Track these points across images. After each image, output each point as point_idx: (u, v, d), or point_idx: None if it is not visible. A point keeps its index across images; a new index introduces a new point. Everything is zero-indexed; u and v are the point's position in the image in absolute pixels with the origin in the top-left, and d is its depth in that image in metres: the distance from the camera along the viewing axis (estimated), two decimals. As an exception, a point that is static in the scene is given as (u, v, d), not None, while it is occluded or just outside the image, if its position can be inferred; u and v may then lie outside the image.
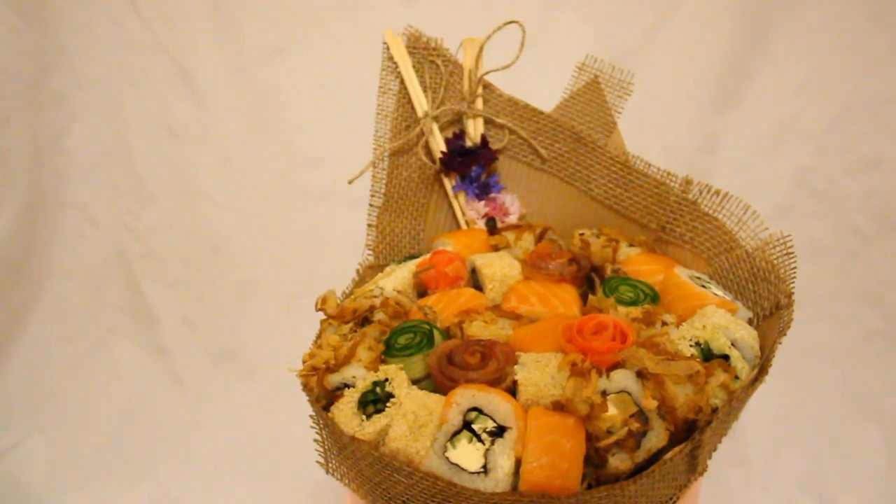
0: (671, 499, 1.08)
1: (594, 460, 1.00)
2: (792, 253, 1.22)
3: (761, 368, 1.11)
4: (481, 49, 1.57)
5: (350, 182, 1.50)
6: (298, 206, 2.24)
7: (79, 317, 2.28)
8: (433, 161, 1.56)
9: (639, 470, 1.00)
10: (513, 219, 1.55)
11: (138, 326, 2.28)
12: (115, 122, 2.23)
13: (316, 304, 1.29)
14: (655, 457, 1.01)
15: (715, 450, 1.10)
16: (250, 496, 2.12)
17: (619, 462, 0.99)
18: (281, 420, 2.15)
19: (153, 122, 2.23)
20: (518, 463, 0.99)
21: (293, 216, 2.24)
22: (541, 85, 1.60)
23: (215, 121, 2.22)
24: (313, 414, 1.11)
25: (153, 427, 2.22)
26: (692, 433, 1.02)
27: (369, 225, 1.53)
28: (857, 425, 2.11)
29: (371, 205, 1.54)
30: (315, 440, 1.12)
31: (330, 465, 1.14)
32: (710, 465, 1.09)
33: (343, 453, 1.09)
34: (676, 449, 0.99)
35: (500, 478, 0.97)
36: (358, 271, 1.46)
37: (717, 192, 1.36)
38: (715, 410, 1.04)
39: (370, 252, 1.52)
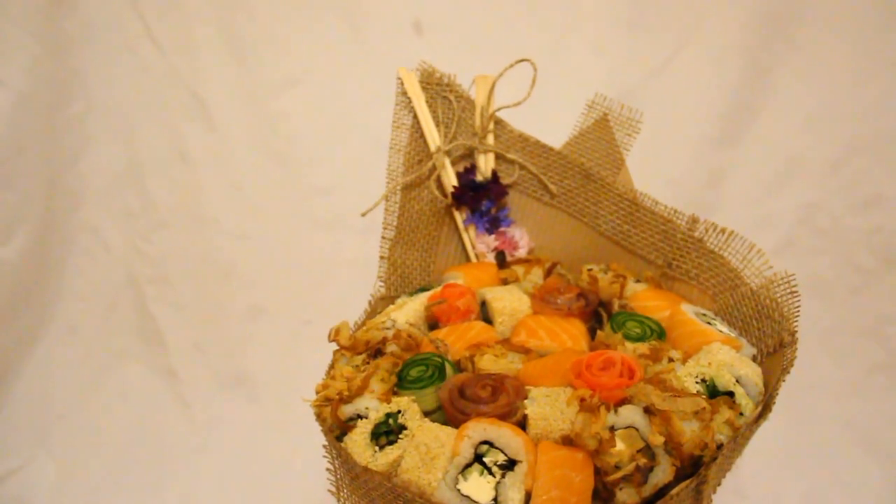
0: (675, 533, 1.11)
1: (602, 494, 1.03)
2: (796, 292, 1.24)
3: (765, 406, 1.13)
4: (493, 86, 1.61)
5: (363, 214, 1.53)
6: (309, 233, 2.26)
7: (88, 339, 2.29)
8: (444, 195, 1.58)
9: (645, 505, 1.02)
10: (522, 252, 1.57)
11: (147, 350, 2.29)
12: (130, 148, 2.26)
13: (329, 335, 1.32)
14: (662, 492, 1.03)
15: (719, 484, 1.12)
16: (256, 521, 2.14)
17: (626, 496, 1.02)
18: (288, 446, 2.17)
19: (167, 149, 2.26)
20: (528, 496, 1.01)
21: (303, 244, 2.26)
22: (551, 121, 1.63)
23: (228, 148, 2.25)
24: (326, 444, 1.13)
25: (160, 450, 2.24)
26: (697, 469, 1.04)
27: (381, 257, 1.55)
28: (858, 460, 2.13)
29: (383, 237, 1.56)
30: (328, 469, 1.14)
31: (342, 493, 1.15)
32: (712, 498, 1.11)
33: (355, 483, 1.11)
34: (683, 484, 1.01)
35: (510, 510, 1.00)
36: (370, 302, 1.49)
37: (723, 231, 1.39)
38: (720, 447, 1.06)
39: (382, 283, 1.54)
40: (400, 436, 1.10)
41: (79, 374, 2.29)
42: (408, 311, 1.37)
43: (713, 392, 1.14)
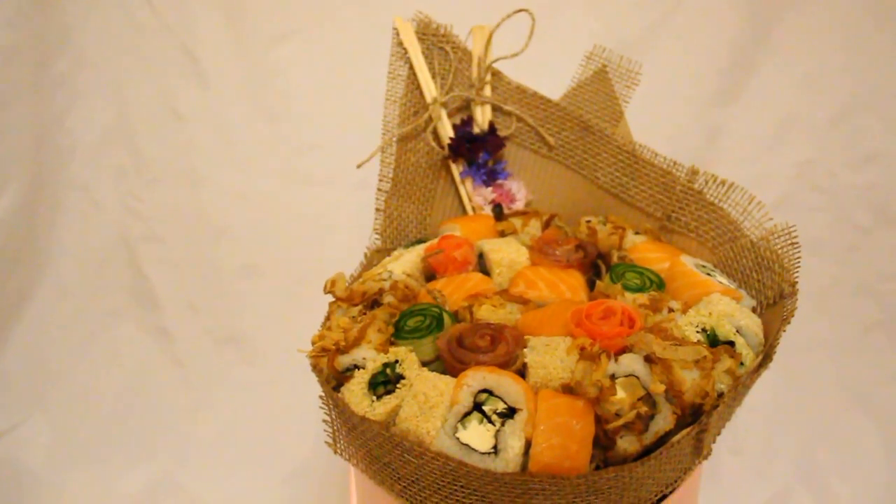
0: (676, 481, 1.10)
1: (603, 442, 1.02)
2: (796, 243, 1.23)
3: (766, 355, 1.12)
4: (490, 37, 1.58)
5: (359, 166, 1.51)
6: (304, 190, 2.23)
7: (81, 299, 2.27)
8: (441, 147, 1.57)
9: (646, 452, 1.01)
10: (519, 205, 1.56)
11: (141, 309, 2.27)
12: (120, 104, 2.22)
13: (325, 287, 1.30)
14: (663, 440, 1.02)
15: (719, 433, 1.12)
16: (251, 479, 2.13)
17: (627, 444, 1.01)
18: (283, 404, 2.17)
19: (158, 105, 2.22)
20: (528, 444, 1.00)
21: (298, 200, 2.23)
22: (549, 73, 1.61)
23: (221, 104, 2.21)
24: (323, 395, 1.12)
25: (154, 409, 2.23)
26: (698, 417, 1.03)
27: (377, 209, 1.53)
28: (854, 416, 2.14)
29: (379, 189, 1.54)
30: (324, 421, 1.13)
31: (338, 445, 1.14)
32: (712, 448, 1.11)
33: (353, 434, 1.10)
34: (684, 432, 1.01)
35: (510, 458, 0.99)
36: (366, 255, 1.47)
37: (723, 182, 1.38)
38: (721, 395, 1.06)
39: (378, 236, 1.53)
40: (398, 385, 1.09)
41: (71, 333, 2.27)
42: (404, 263, 1.36)
43: (713, 341, 1.14)
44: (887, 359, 2.15)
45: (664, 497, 1.10)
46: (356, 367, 1.16)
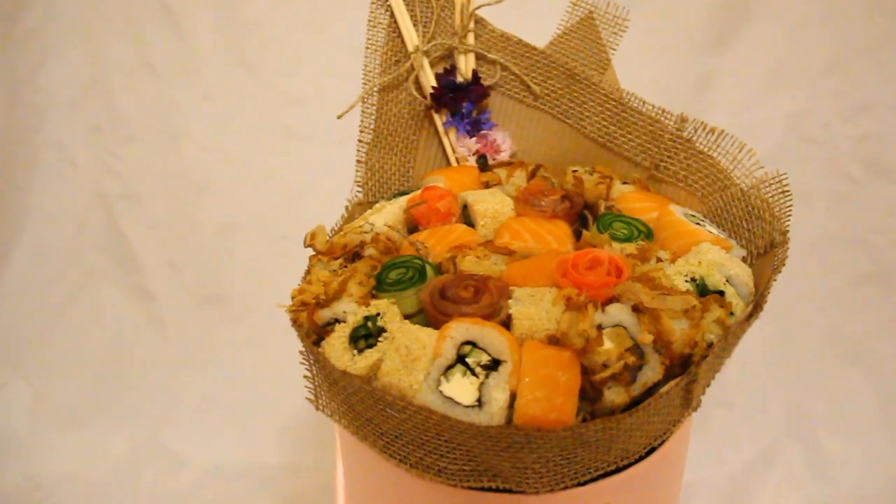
0: (665, 434, 1.08)
1: (589, 394, 1.00)
2: (787, 191, 1.21)
3: (756, 304, 1.10)
4: (474, -18, 1.53)
5: (339, 117, 1.46)
6: (283, 145, 2.20)
7: (59, 260, 2.24)
8: (424, 97, 1.52)
9: (634, 404, 0.99)
10: (504, 156, 1.52)
11: (120, 269, 2.24)
12: (93, 59, 2.17)
13: (305, 240, 1.27)
14: (651, 391, 1.00)
15: (709, 385, 1.10)
16: (236, 438, 2.12)
17: (614, 396, 0.99)
18: (267, 361, 2.15)
19: (133, 60, 2.17)
20: (513, 396, 0.97)
21: (278, 156, 2.20)
22: (534, 20, 1.56)
23: (197, 58, 2.16)
24: (303, 350, 1.09)
25: (137, 370, 2.21)
26: (687, 368, 1.01)
27: (358, 161, 1.50)
28: (844, 369, 2.13)
29: (360, 140, 1.50)
30: (305, 377, 1.10)
31: (320, 401, 1.12)
32: (701, 399, 1.09)
33: (334, 389, 1.07)
34: (672, 382, 0.98)
35: (494, 411, 0.96)
36: (347, 208, 1.44)
37: (713, 130, 1.34)
38: (710, 345, 1.03)
39: (359, 188, 1.49)
40: (379, 339, 1.06)
41: (50, 295, 2.25)
42: (386, 215, 1.32)
43: (703, 291, 1.11)
44: (878, 311, 2.14)
45: (653, 450, 1.08)
46: (337, 320, 1.12)
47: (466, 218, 1.36)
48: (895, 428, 2.07)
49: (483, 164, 1.49)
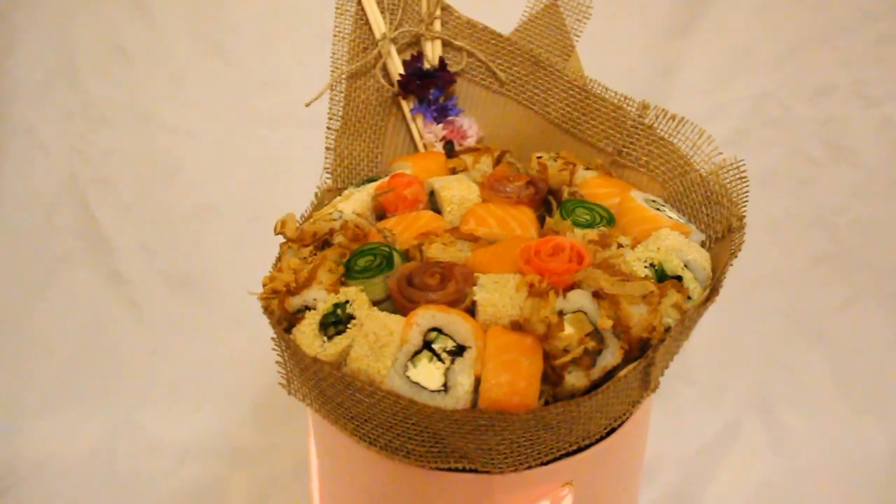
0: (625, 415, 1.12)
1: (551, 378, 1.03)
2: (745, 177, 1.23)
3: (713, 289, 1.13)
4: (440, -30, 1.55)
5: (307, 105, 1.48)
6: (253, 129, 2.20)
7: (31, 244, 2.24)
8: (391, 84, 1.54)
9: (594, 387, 1.02)
10: (471, 142, 1.55)
11: (93, 253, 2.24)
12: (62, 42, 2.16)
13: (275, 228, 1.29)
14: (610, 374, 1.03)
15: (667, 367, 1.13)
16: (211, 420, 2.14)
17: (575, 380, 1.02)
18: (240, 343, 2.17)
19: (102, 43, 2.16)
20: (477, 381, 1.01)
21: (248, 139, 2.20)
22: (499, 7, 1.58)
23: (168, 41, 2.16)
24: (275, 336, 1.12)
25: (112, 353, 2.22)
26: (645, 352, 1.05)
27: (327, 148, 1.51)
28: (802, 346, 2.19)
29: (329, 128, 1.51)
30: (277, 362, 1.13)
31: (292, 386, 1.15)
32: (661, 383, 1.13)
33: (305, 374, 1.10)
34: (630, 367, 1.02)
35: (460, 396, 1.00)
36: (316, 194, 1.46)
37: (673, 118, 1.37)
38: (668, 330, 1.07)
39: (328, 175, 1.51)
40: (348, 326, 1.09)
41: (22, 280, 2.24)
42: (355, 202, 1.35)
43: (661, 276, 1.15)
44: (836, 290, 2.19)
45: (613, 430, 1.12)
46: (307, 308, 1.15)
47: (434, 204, 1.38)
48: (850, 403, 2.13)
49: (450, 150, 1.52)
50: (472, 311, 1.10)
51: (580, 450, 1.09)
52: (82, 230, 2.24)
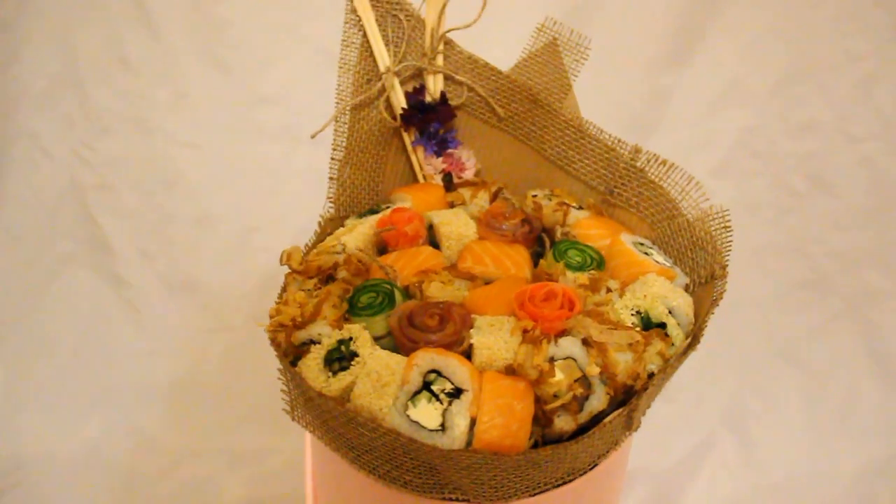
0: (607, 452, 1.19)
1: (541, 420, 1.10)
2: (729, 227, 1.30)
3: (694, 337, 1.20)
4: (444, 6, 1.59)
5: (313, 136, 1.52)
6: (255, 143, 2.24)
7: (32, 247, 2.27)
8: (393, 117, 1.59)
9: (581, 430, 1.10)
10: (469, 174, 1.60)
11: (93, 256, 2.28)
12: (67, 52, 2.18)
13: (281, 259, 1.34)
14: (596, 418, 1.11)
15: (648, 408, 1.21)
16: (207, 424, 2.19)
17: (563, 423, 1.09)
18: (236, 347, 2.22)
19: (107, 54, 2.19)
20: (473, 422, 1.07)
21: (250, 153, 2.24)
22: (500, 43, 1.63)
23: (172, 55, 2.19)
24: (281, 368, 1.17)
25: (110, 355, 2.27)
26: (630, 396, 1.12)
27: (331, 178, 1.54)
28: (777, 368, 2.27)
29: (332, 158, 1.55)
30: (282, 390, 1.19)
31: (296, 413, 1.21)
32: (641, 421, 1.20)
33: (309, 405, 1.16)
34: (615, 413, 1.09)
35: (456, 435, 1.06)
36: (319, 223, 1.50)
37: (664, 163, 1.42)
38: (651, 376, 1.14)
39: (331, 204, 1.55)
40: (352, 363, 1.15)
41: (24, 281, 2.28)
42: (357, 236, 1.40)
43: (647, 324, 1.21)
44: (813, 315, 2.27)
45: (597, 465, 1.19)
46: (312, 341, 1.21)
47: (432, 237, 1.44)
48: (821, 424, 2.22)
49: (448, 182, 1.57)
50: (468, 353, 1.16)
51: (566, 482, 1.16)
52: (83, 234, 2.27)
